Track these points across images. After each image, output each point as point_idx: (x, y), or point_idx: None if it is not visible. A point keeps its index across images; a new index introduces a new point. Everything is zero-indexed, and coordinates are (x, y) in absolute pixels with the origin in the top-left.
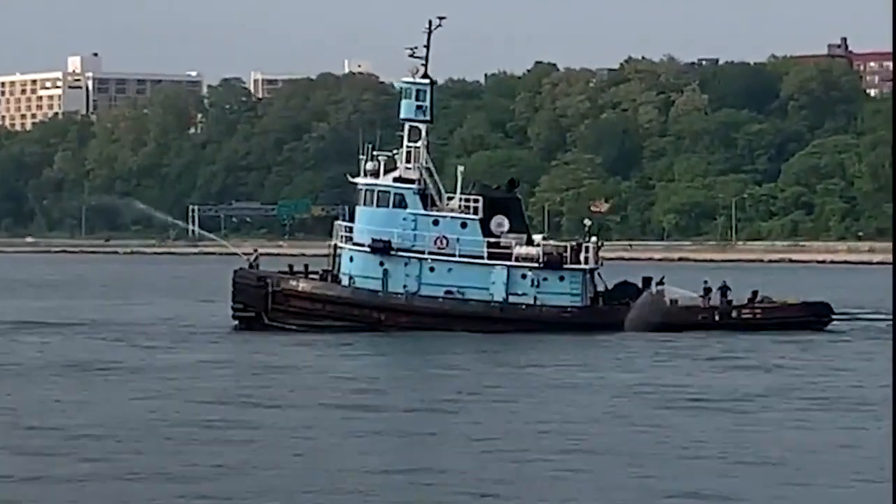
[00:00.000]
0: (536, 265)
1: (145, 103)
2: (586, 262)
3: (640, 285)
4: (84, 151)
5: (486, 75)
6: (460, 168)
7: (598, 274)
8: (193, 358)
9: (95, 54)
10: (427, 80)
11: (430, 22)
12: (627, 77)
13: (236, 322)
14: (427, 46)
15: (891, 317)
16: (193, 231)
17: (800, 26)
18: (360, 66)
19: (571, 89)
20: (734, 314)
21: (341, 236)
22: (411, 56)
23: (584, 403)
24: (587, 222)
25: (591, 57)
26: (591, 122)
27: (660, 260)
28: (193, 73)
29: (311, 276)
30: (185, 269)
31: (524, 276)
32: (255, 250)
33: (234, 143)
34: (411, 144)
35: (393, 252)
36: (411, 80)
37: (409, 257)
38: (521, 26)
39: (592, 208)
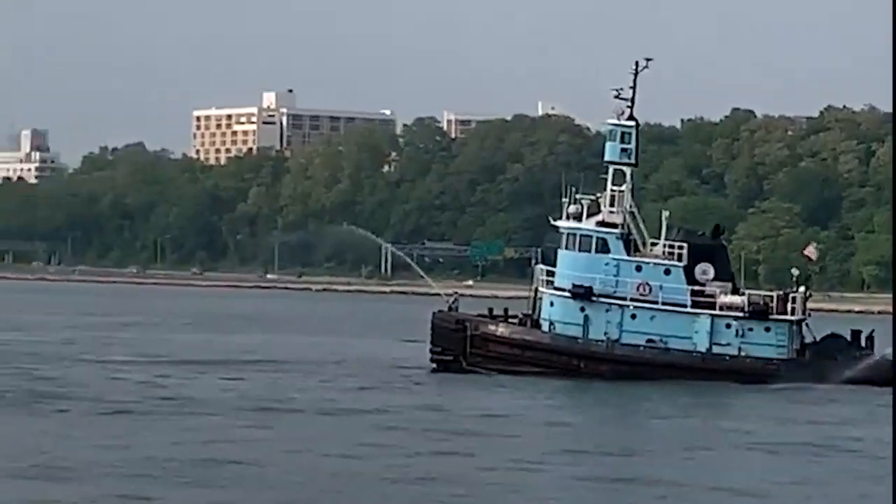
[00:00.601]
0: (742, 315)
1: (340, 140)
2: (793, 312)
3: (848, 338)
4: (278, 187)
5: (682, 120)
6: (665, 213)
7: (807, 325)
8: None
9: (290, 90)
10: (633, 123)
11: (636, 63)
12: (827, 126)
13: (434, 365)
14: (633, 88)
15: None
16: (386, 269)
17: None
18: (553, 107)
19: (770, 136)
20: None
21: (542, 280)
22: (617, 97)
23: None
24: (795, 271)
25: (789, 104)
26: (789, 170)
27: (859, 312)
28: (387, 112)
29: (511, 319)
30: (395, 308)
31: (728, 326)
32: (455, 292)
33: (427, 182)
34: (615, 188)
35: (594, 298)
36: (616, 121)
37: (611, 304)
38: (717, 72)
39: (805, 253)
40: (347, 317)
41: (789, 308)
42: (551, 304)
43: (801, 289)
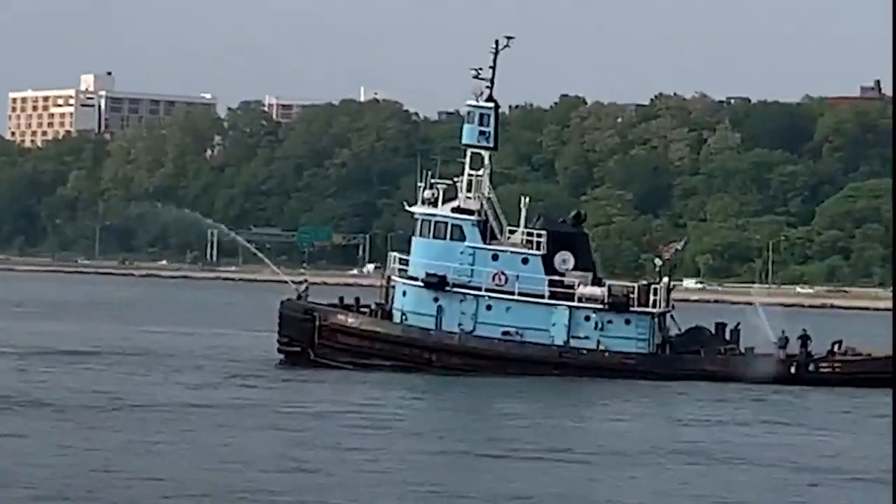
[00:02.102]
0: (601, 306)
1: (163, 124)
2: (655, 304)
3: (713, 331)
4: (99, 171)
5: (510, 107)
6: (525, 199)
7: (672, 317)
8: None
9: (109, 73)
10: (492, 104)
11: (496, 42)
12: (657, 113)
13: (282, 357)
14: (493, 67)
15: None
16: (212, 256)
17: (832, 67)
18: (376, 93)
19: (600, 124)
20: (812, 367)
21: (395, 269)
22: (476, 77)
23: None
24: (657, 261)
25: (619, 92)
26: (620, 157)
27: (696, 301)
28: (207, 96)
29: (363, 309)
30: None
31: (587, 318)
32: (306, 280)
33: (253, 167)
34: (473, 172)
35: (448, 288)
36: (474, 103)
37: (466, 294)
38: (545, 59)
39: (664, 252)
40: (176, 304)
41: (651, 300)
42: (404, 293)
43: (665, 280)
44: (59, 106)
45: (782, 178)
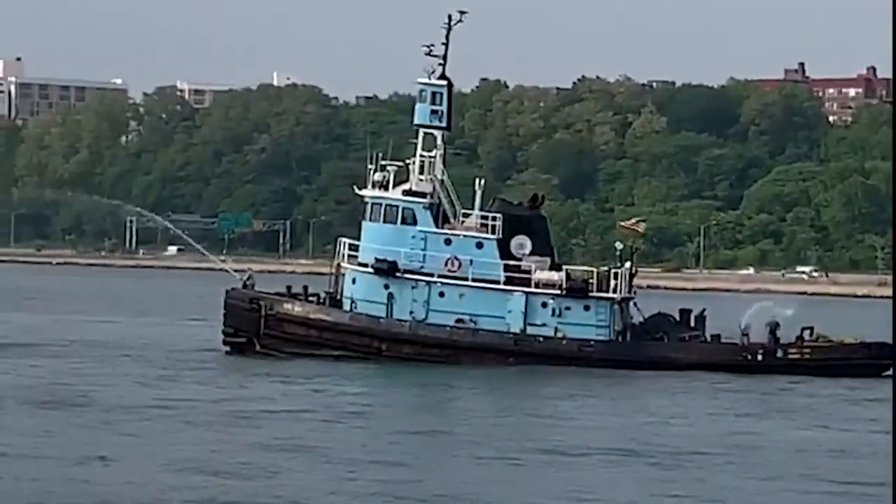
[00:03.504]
0: (559, 292)
1: (78, 110)
2: (615, 290)
3: (677, 318)
4: (12, 158)
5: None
6: (480, 181)
7: (634, 304)
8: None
9: (18, 59)
10: (444, 82)
11: (449, 17)
12: (581, 97)
13: (227, 348)
14: (446, 44)
15: None
16: (131, 243)
17: (755, 50)
18: (288, 78)
19: (523, 108)
20: (780, 354)
21: (343, 254)
22: (428, 55)
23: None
24: (618, 245)
25: (540, 75)
26: (544, 141)
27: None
28: (118, 81)
29: (311, 298)
30: (151, 283)
31: (545, 305)
32: (250, 269)
33: (170, 153)
34: (424, 154)
35: (399, 274)
36: (427, 81)
37: (417, 280)
38: (465, 42)
39: (628, 226)
40: (99, 293)
41: (612, 286)
42: (353, 280)
43: (627, 265)
44: None
45: (709, 161)
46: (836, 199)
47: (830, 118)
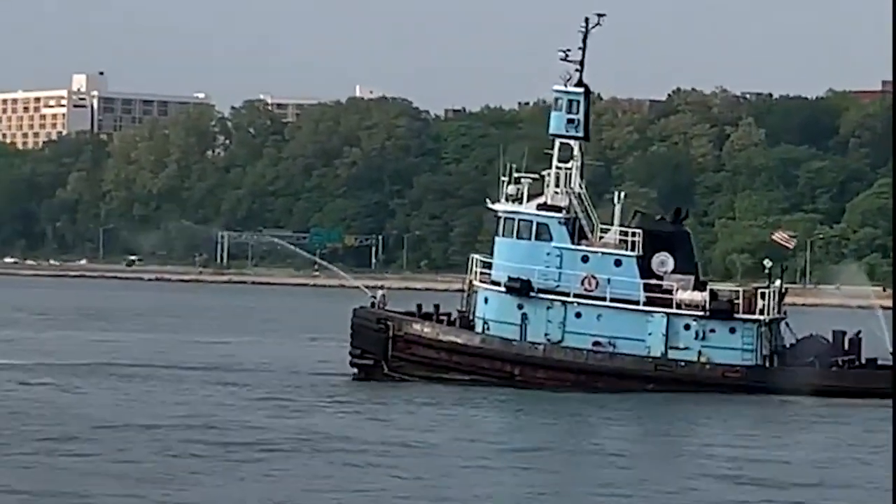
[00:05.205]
0: (702, 314)
1: (165, 124)
2: (762, 311)
3: (829, 340)
4: (99, 172)
5: (519, 104)
6: (620, 194)
7: (786, 324)
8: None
9: (101, 73)
10: (581, 89)
11: (586, 20)
12: (677, 108)
13: (354, 370)
14: (583, 49)
15: None
16: (222, 259)
17: (852, 61)
18: (371, 91)
19: (617, 120)
20: None
21: (476, 272)
22: (564, 60)
23: None
24: (767, 263)
25: (633, 87)
26: (640, 154)
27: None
28: (201, 95)
29: (441, 318)
30: (258, 301)
31: (687, 327)
32: (382, 286)
33: (260, 167)
34: (561, 165)
35: (533, 293)
36: (563, 88)
37: (553, 300)
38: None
39: (776, 239)
40: (208, 310)
41: (759, 306)
42: (486, 300)
43: (776, 283)
44: (51, 107)
45: (809, 174)
46: None
47: None
